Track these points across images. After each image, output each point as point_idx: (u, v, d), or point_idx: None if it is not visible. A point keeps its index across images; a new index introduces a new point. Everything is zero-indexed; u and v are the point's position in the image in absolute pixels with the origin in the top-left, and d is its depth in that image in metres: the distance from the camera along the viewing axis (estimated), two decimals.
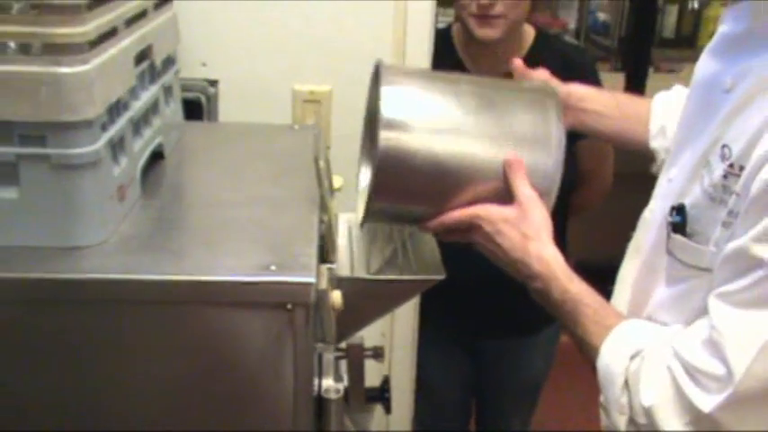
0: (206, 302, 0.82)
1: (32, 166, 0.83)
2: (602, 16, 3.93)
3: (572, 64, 1.64)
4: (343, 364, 1.10)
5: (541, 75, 1.21)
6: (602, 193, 1.81)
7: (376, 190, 1.02)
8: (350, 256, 1.14)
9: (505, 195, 1.02)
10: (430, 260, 1.11)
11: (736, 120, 0.80)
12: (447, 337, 1.81)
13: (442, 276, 1.07)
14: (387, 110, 1.01)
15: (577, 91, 1.22)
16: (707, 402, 0.76)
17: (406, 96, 1.04)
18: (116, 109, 0.92)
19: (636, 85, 3.06)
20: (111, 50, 0.89)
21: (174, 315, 0.82)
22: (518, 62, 1.22)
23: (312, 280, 0.82)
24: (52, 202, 0.84)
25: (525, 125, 1.05)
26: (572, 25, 3.70)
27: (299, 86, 1.48)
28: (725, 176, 0.80)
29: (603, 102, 1.22)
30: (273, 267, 0.83)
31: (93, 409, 0.84)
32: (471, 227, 1.04)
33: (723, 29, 0.89)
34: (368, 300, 1.05)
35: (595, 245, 2.34)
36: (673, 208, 0.88)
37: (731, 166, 0.79)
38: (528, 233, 1.00)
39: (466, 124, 1.04)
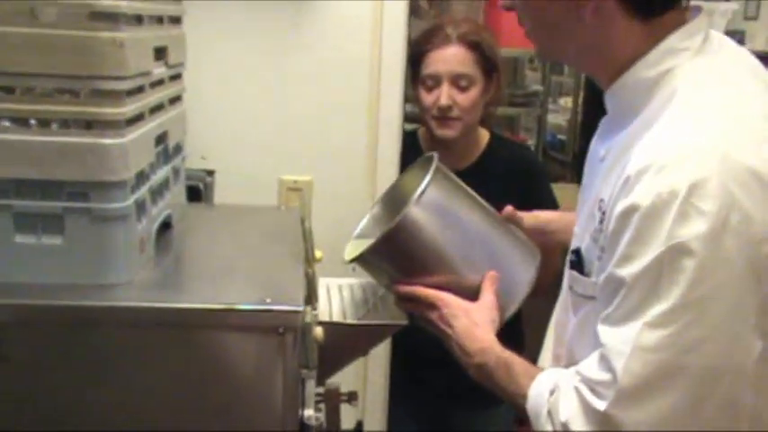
0: (214, 326, 1.01)
1: (77, 217, 1.03)
2: (558, 135, 4.28)
3: (521, 161, 1.90)
4: (322, 407, 1.28)
5: (530, 219, 1.44)
6: (553, 274, 2.01)
7: (379, 245, 1.24)
8: (329, 309, 1.33)
9: (467, 297, 1.25)
10: (396, 312, 1.31)
11: (607, 179, 1.03)
12: (414, 409, 1.97)
13: (405, 322, 1.27)
14: (427, 193, 1.25)
15: (544, 216, 1.47)
16: (602, 404, 0.95)
17: (444, 191, 1.29)
18: (141, 177, 1.13)
19: None
20: (140, 130, 1.11)
21: (189, 337, 1.01)
22: (509, 209, 1.41)
23: (300, 308, 1.02)
24: (91, 248, 1.04)
25: (511, 270, 1.31)
26: (531, 141, 4.02)
27: (285, 176, 1.71)
28: (600, 222, 1.01)
29: (565, 221, 1.45)
30: (268, 300, 1.03)
31: (115, 410, 1.01)
32: (432, 305, 1.25)
33: (605, 116, 1.14)
34: (344, 343, 1.24)
35: None
36: (572, 251, 1.10)
37: (603, 213, 1.01)
38: (478, 323, 1.22)
39: (471, 238, 1.30)
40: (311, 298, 1.18)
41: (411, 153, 1.86)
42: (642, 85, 1.00)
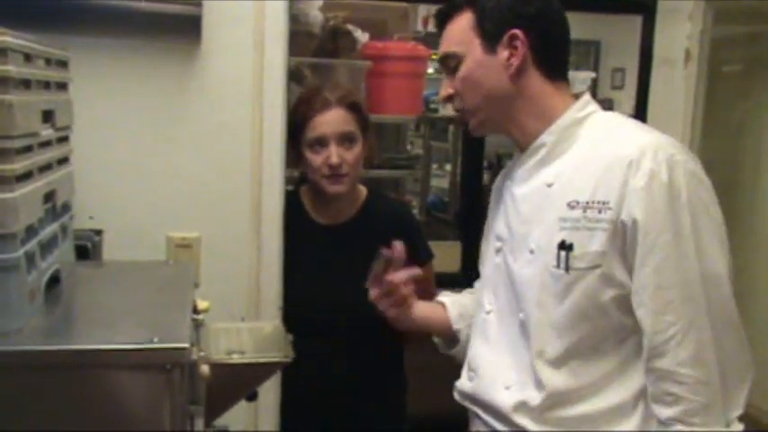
0: (103, 367, 1.07)
1: None
2: (442, 197, 4.48)
3: (397, 214, 2.06)
4: None
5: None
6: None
7: None
8: (216, 351, 1.40)
9: None
10: (281, 351, 1.40)
11: (572, 186, 1.41)
12: None
13: (289, 359, 1.35)
14: None
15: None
16: None
17: None
18: (30, 231, 1.19)
19: (470, 251, 3.48)
20: (29, 187, 1.18)
21: (79, 378, 1.07)
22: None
23: (186, 345, 1.09)
24: None
25: None
26: (416, 202, 4.20)
27: (173, 233, 1.78)
28: (589, 209, 1.39)
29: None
30: (156, 339, 1.10)
31: None
32: None
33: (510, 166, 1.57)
34: (230, 381, 1.31)
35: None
36: (558, 244, 1.40)
37: (597, 201, 1.40)
38: None
39: None
40: (198, 341, 1.25)
41: (294, 210, 1.97)
42: (574, 122, 1.44)
